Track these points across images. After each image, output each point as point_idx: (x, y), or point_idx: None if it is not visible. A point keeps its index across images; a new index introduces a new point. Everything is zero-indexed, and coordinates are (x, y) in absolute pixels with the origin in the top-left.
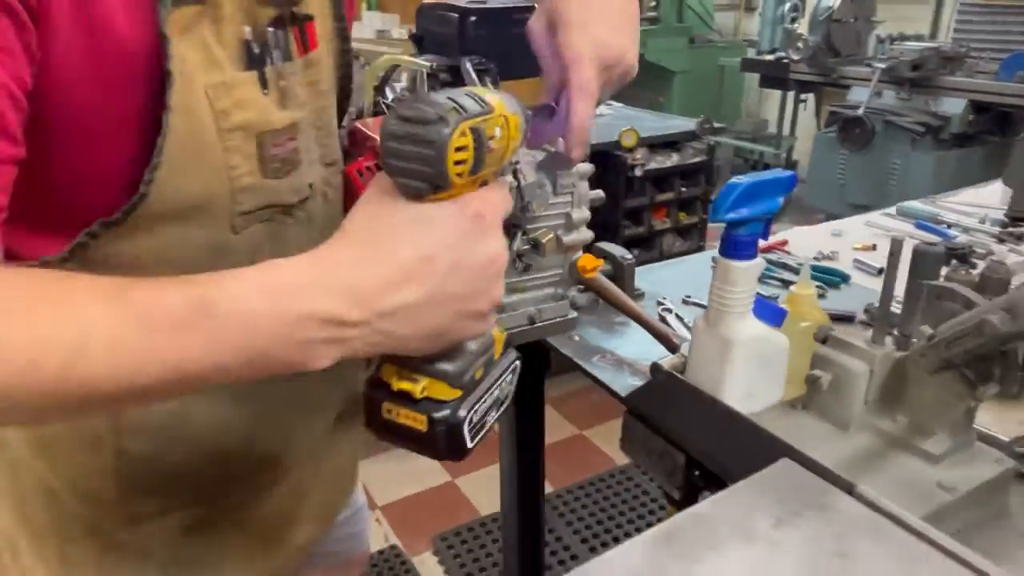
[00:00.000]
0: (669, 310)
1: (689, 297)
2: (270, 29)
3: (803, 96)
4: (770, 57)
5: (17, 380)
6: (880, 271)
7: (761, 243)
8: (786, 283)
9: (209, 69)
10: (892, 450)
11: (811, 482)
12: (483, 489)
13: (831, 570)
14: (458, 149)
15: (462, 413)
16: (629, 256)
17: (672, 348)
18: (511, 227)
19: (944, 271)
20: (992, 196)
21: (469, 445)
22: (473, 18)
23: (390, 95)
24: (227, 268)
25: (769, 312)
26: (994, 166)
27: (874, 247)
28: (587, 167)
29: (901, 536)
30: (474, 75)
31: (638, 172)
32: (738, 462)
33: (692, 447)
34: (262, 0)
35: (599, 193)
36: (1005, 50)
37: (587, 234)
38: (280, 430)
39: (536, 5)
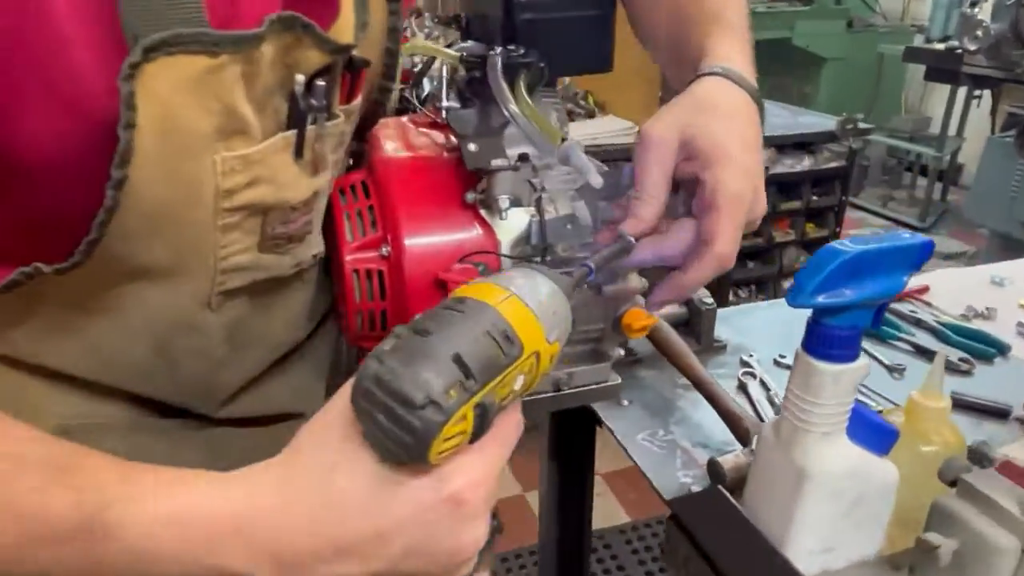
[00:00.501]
0: (753, 374)
1: (783, 358)
2: (319, 82)
3: (977, 92)
4: (940, 46)
5: None
6: None
7: None
8: (920, 350)
9: (229, 136)
10: None
11: None
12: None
13: None
14: (449, 438)
15: None
16: (709, 301)
17: (742, 438)
18: None
19: None
20: None
21: None
22: None
23: (427, 87)
24: (193, 345)
25: (872, 431)
26: None
27: None
28: None
29: None
30: (501, 77)
31: None
32: None
33: None
34: (319, 43)
35: None
36: None
37: (638, 283)
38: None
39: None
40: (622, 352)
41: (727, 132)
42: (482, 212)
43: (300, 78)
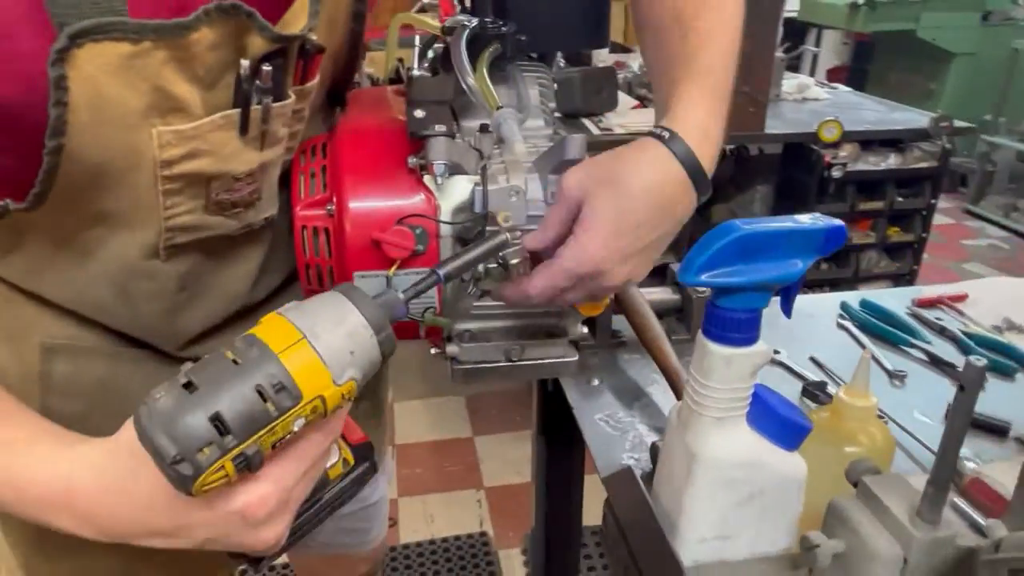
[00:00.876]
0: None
1: (777, 353)
2: (266, 67)
3: None
4: None
5: None
6: None
7: (929, 294)
8: (934, 360)
9: (164, 113)
10: None
11: None
12: (597, 495)
13: None
14: (207, 484)
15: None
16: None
17: None
18: (462, 240)
19: None
20: None
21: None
22: None
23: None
24: (149, 289)
25: (777, 424)
26: None
27: None
28: None
29: None
30: (463, 47)
31: (837, 173)
32: None
33: None
34: (261, 30)
35: None
36: None
37: None
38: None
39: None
40: (584, 330)
41: (616, 213)
42: (425, 178)
43: (244, 63)
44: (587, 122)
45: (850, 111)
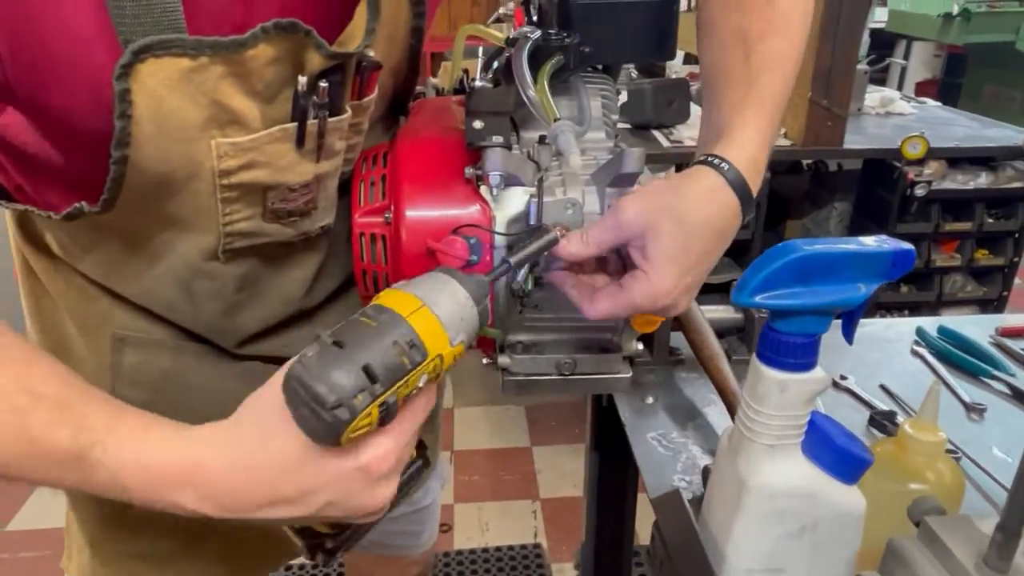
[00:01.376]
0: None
1: (844, 379)
2: (323, 83)
3: None
4: None
5: None
6: None
7: (1015, 323)
8: (1017, 394)
9: (223, 125)
10: None
11: None
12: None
13: None
14: (356, 430)
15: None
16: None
17: None
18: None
19: None
20: None
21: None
22: None
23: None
24: (209, 288)
25: (834, 455)
26: None
27: None
28: None
29: None
30: (524, 59)
31: (920, 191)
32: None
33: None
34: (318, 48)
35: None
36: None
37: None
38: None
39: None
40: (639, 347)
41: (683, 249)
42: (481, 189)
43: (302, 79)
44: (658, 134)
45: (938, 127)
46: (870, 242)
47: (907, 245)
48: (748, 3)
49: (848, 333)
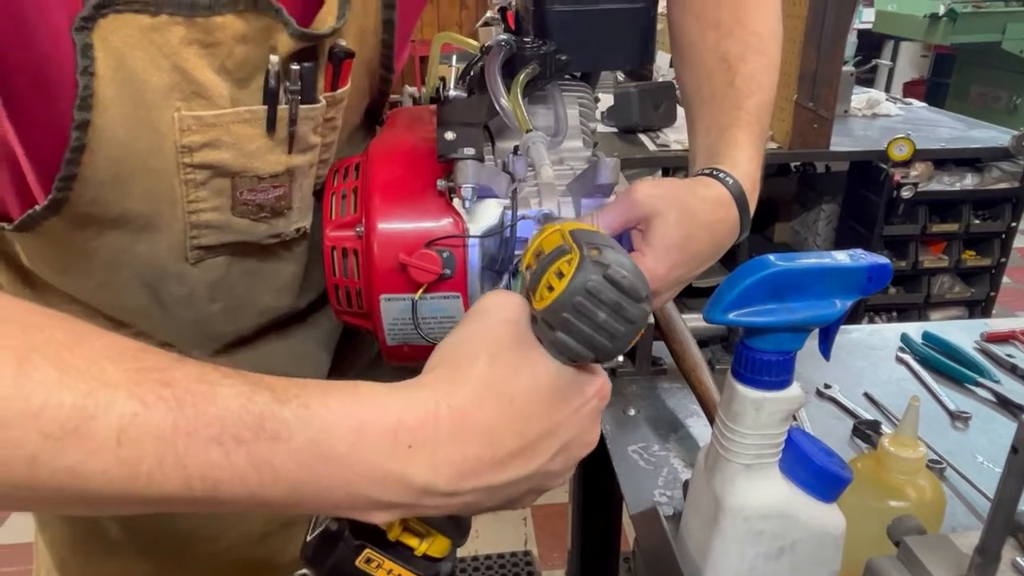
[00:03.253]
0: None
1: (828, 388)
2: (295, 66)
3: None
4: None
5: None
6: None
7: (1001, 328)
8: (1003, 402)
9: (188, 97)
10: None
11: None
12: None
13: None
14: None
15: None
16: None
17: None
18: (490, 265)
19: None
20: None
21: None
22: None
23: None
24: (180, 294)
25: (812, 473)
26: None
27: None
28: None
29: None
30: (497, 68)
31: (907, 192)
32: None
33: None
34: (286, 25)
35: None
36: None
37: None
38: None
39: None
40: (619, 359)
41: (685, 240)
42: (454, 201)
43: (273, 59)
44: (644, 137)
45: (924, 128)
46: (845, 257)
47: (883, 259)
48: (723, 23)
49: (825, 349)
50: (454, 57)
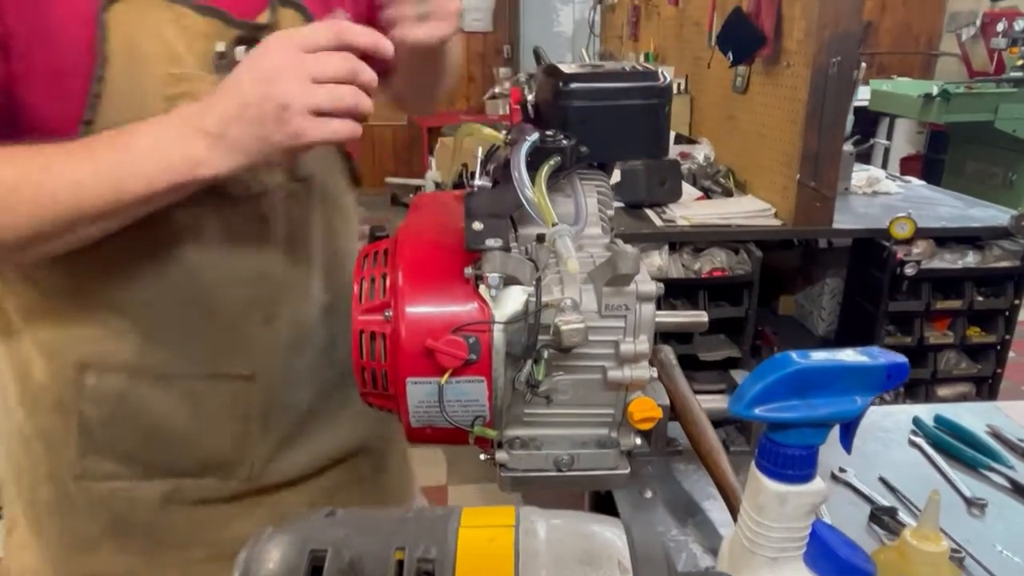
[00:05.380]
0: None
1: (843, 472)
2: (239, 48)
3: None
4: None
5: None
6: None
7: (1011, 412)
8: (1018, 488)
9: (170, 61)
10: None
11: None
12: None
13: None
14: None
15: None
16: None
17: None
18: (514, 351)
19: None
20: None
21: None
22: (574, 85)
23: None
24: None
25: (836, 566)
26: None
27: None
28: (652, 287)
29: None
30: (521, 159)
31: (910, 270)
32: None
33: None
34: (229, 22)
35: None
36: None
37: (644, 372)
38: (224, 434)
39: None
40: (637, 441)
41: None
42: (480, 288)
43: (220, 45)
44: (650, 213)
45: (924, 206)
46: (864, 355)
47: (900, 357)
48: None
49: (846, 443)
50: (480, 146)
